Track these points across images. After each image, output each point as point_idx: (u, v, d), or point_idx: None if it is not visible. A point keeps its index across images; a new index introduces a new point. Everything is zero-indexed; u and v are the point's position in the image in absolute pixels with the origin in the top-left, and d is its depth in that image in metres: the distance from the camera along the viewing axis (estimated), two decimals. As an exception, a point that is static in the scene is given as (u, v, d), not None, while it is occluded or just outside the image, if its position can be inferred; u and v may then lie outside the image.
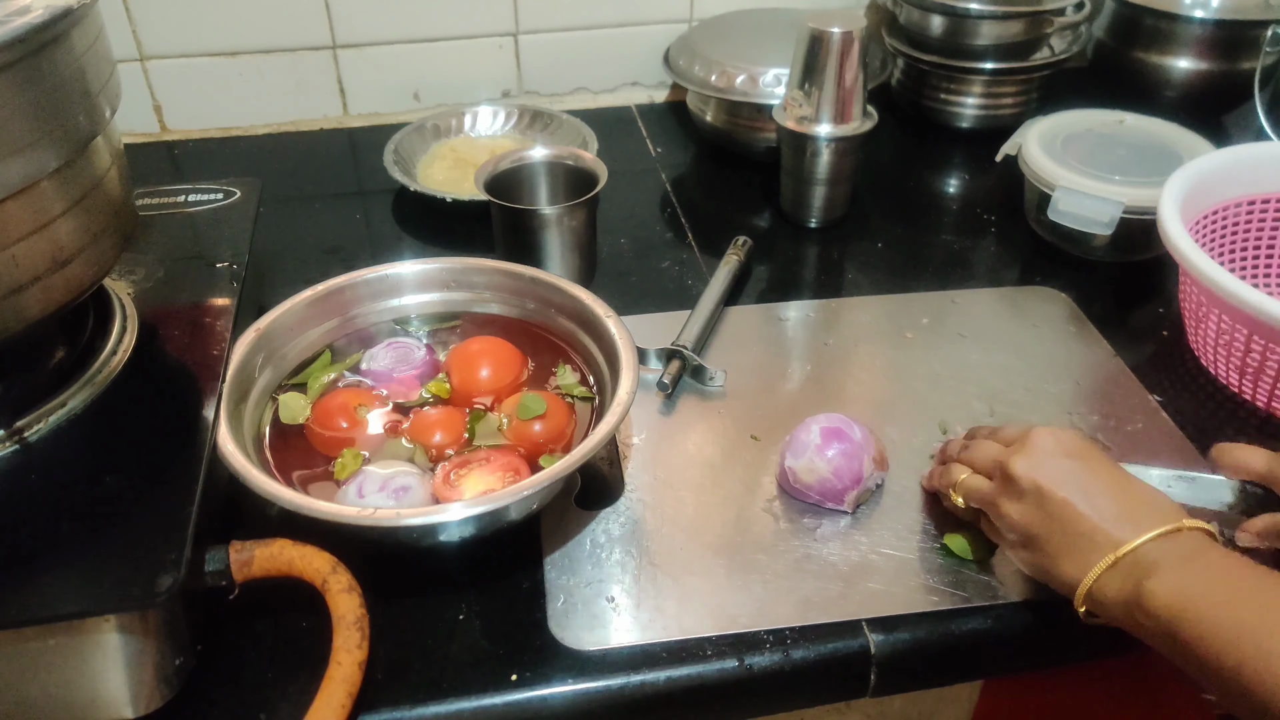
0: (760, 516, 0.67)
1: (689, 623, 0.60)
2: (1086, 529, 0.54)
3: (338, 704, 0.51)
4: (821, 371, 0.81)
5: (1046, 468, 0.57)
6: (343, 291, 0.75)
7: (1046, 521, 0.56)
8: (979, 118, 1.16)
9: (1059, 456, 0.57)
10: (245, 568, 0.56)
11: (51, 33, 0.52)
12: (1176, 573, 0.50)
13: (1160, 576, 0.50)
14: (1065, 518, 0.55)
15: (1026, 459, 0.57)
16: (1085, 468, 0.57)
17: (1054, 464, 0.57)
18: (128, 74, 1.08)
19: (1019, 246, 0.97)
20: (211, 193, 0.84)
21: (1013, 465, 0.58)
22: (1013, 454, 0.58)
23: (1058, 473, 0.56)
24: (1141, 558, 0.52)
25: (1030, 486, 0.57)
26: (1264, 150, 0.85)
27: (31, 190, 0.53)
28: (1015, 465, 0.57)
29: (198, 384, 0.63)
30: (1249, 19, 1.08)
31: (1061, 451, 0.57)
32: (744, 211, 1.04)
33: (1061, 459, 0.57)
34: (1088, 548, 0.54)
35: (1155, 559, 0.52)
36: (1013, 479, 0.57)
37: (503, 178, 0.88)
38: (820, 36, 0.90)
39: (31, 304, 0.56)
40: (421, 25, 1.15)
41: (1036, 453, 0.57)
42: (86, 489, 0.56)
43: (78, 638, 0.50)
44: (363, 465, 0.65)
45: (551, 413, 0.67)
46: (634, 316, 0.84)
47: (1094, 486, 0.55)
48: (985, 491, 0.60)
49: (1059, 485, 0.56)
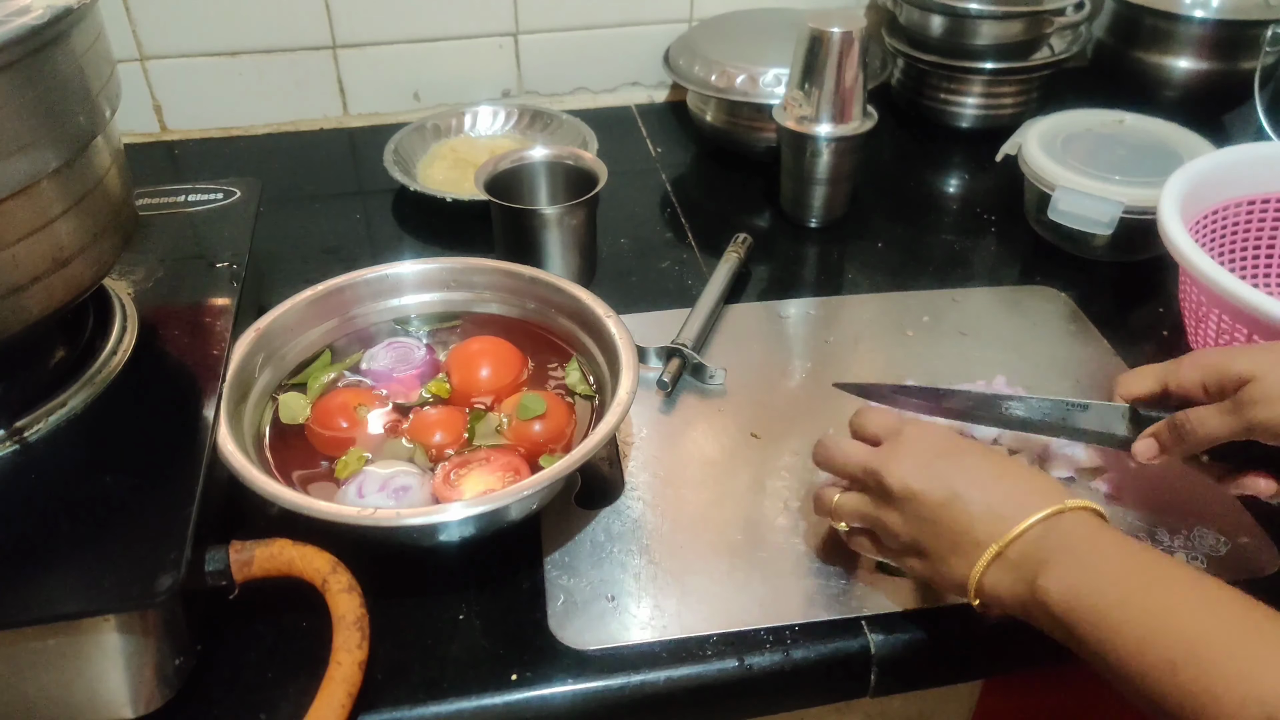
0: (761, 515, 0.67)
1: (689, 622, 0.60)
2: (966, 524, 0.53)
3: (338, 704, 0.51)
4: (822, 369, 0.81)
5: (920, 471, 0.55)
6: (343, 291, 0.75)
7: (928, 525, 0.54)
8: (979, 118, 1.16)
9: (931, 456, 0.55)
10: (245, 568, 0.56)
11: (51, 33, 0.52)
12: (1068, 568, 0.49)
13: (1051, 572, 0.49)
14: (945, 519, 0.54)
15: (899, 465, 0.55)
16: (959, 464, 0.55)
17: (927, 467, 0.55)
18: (128, 74, 1.08)
19: (1019, 246, 0.97)
20: (211, 193, 0.84)
21: (886, 476, 0.55)
22: (883, 461, 0.56)
23: (933, 474, 0.54)
24: (1029, 546, 0.51)
25: (906, 494, 0.55)
26: (1264, 150, 0.85)
27: (31, 190, 0.53)
28: (888, 475, 0.55)
29: (198, 384, 0.63)
30: (1249, 19, 1.08)
31: (933, 451, 0.56)
32: (744, 211, 1.04)
33: (934, 460, 0.55)
34: (970, 544, 0.53)
35: (1045, 552, 0.50)
36: (887, 489, 0.55)
37: (503, 178, 0.88)
38: (820, 36, 0.90)
39: (31, 304, 0.56)
40: (421, 25, 1.15)
41: (908, 456, 0.56)
42: (86, 489, 0.56)
43: (78, 638, 0.50)
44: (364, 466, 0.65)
45: (551, 413, 0.67)
46: (634, 316, 0.84)
47: (970, 481, 0.54)
48: (863, 509, 0.58)
49: (936, 487, 0.54)
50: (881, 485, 0.56)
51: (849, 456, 0.59)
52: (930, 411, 0.66)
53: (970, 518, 0.53)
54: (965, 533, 0.53)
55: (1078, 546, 0.50)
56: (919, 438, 0.57)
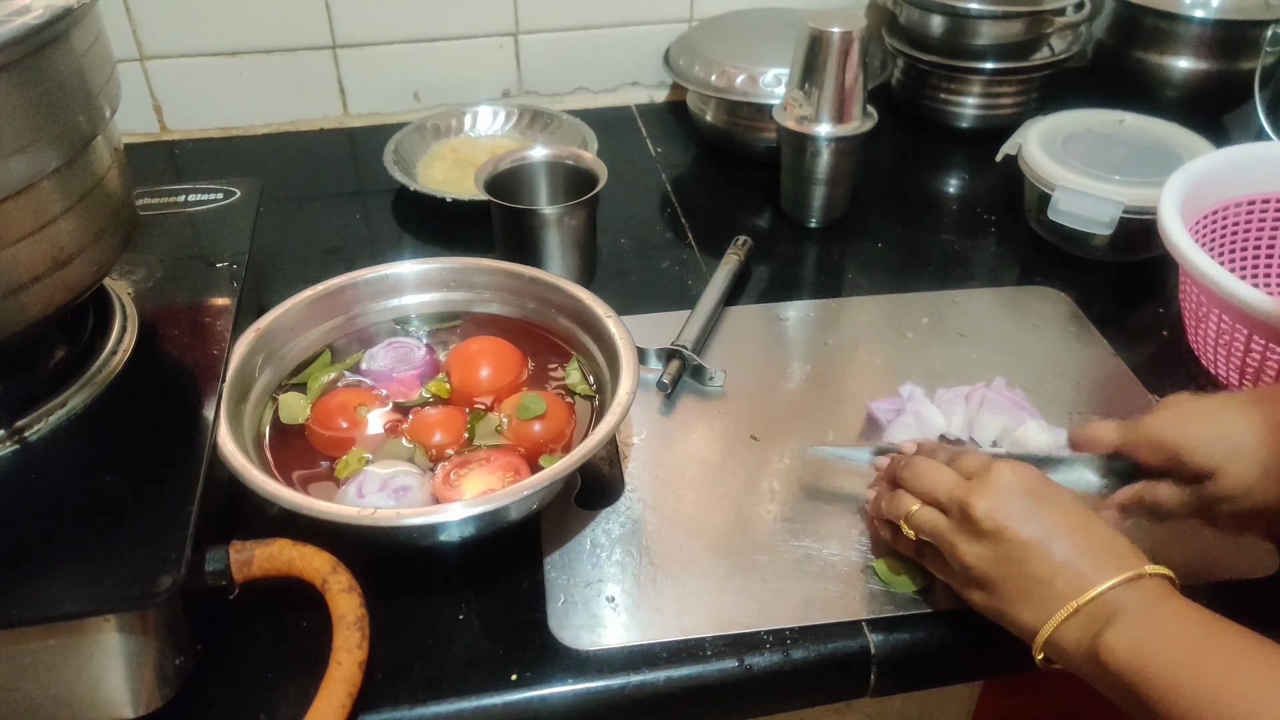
0: (760, 516, 0.67)
1: (689, 622, 0.60)
2: (1046, 574, 0.53)
3: (338, 704, 0.51)
4: (822, 371, 0.81)
5: (1009, 508, 0.54)
6: (343, 291, 0.75)
7: (1005, 565, 0.54)
8: (979, 118, 1.16)
9: (1020, 495, 0.55)
10: (245, 568, 0.56)
11: (51, 33, 0.52)
12: (1135, 626, 0.49)
13: (1118, 629, 0.49)
14: (1025, 560, 0.53)
15: (989, 498, 0.55)
16: (1047, 510, 0.54)
17: (1017, 504, 0.54)
18: (128, 74, 1.08)
19: (1019, 246, 0.97)
20: (211, 193, 0.84)
21: (974, 504, 0.55)
22: (973, 491, 0.56)
23: (1020, 514, 0.54)
24: (1101, 607, 0.51)
25: (992, 528, 0.54)
26: (1264, 150, 0.85)
27: (31, 190, 0.53)
28: (976, 505, 0.55)
29: (198, 384, 0.63)
30: (1249, 19, 1.08)
31: (1023, 489, 0.55)
32: (744, 211, 1.04)
33: (1023, 498, 0.55)
34: (1047, 595, 0.53)
35: (1114, 609, 0.50)
36: (972, 519, 0.55)
37: (503, 178, 0.88)
38: (820, 36, 0.90)
39: (31, 304, 0.56)
40: (421, 25, 1.15)
41: (998, 491, 0.55)
42: (86, 489, 0.56)
43: (78, 638, 0.50)
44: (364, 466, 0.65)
45: (551, 413, 0.67)
46: (634, 316, 0.84)
47: (1056, 529, 0.54)
48: (941, 528, 0.57)
49: (1021, 527, 0.54)
50: (967, 514, 0.55)
51: (939, 479, 0.58)
52: None
53: (1052, 569, 0.53)
54: (1045, 583, 0.53)
55: (1148, 608, 0.50)
56: (1011, 475, 0.56)
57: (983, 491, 0.55)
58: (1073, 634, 0.52)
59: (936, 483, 0.58)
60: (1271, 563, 0.64)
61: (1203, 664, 0.47)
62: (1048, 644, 0.53)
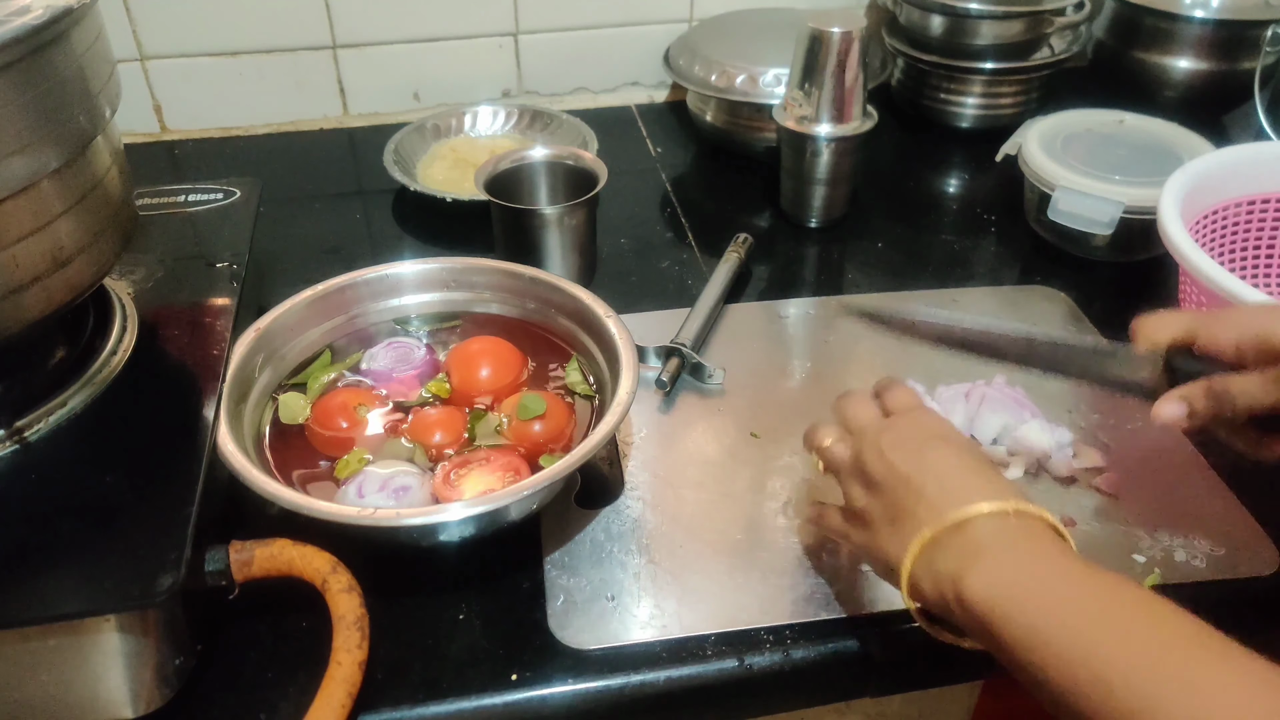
0: (760, 515, 0.67)
1: (689, 622, 0.60)
2: (912, 502, 0.50)
3: (338, 704, 0.51)
4: (821, 369, 0.81)
5: (901, 448, 0.53)
6: (343, 291, 0.75)
7: (879, 494, 0.52)
8: (979, 118, 1.16)
9: (920, 438, 0.53)
10: (245, 568, 0.56)
11: (51, 33, 0.52)
12: (997, 566, 0.46)
13: (979, 567, 0.46)
14: (897, 490, 0.51)
15: (889, 436, 0.53)
16: (937, 451, 0.52)
17: (910, 444, 0.53)
18: (128, 74, 1.08)
19: (1019, 246, 0.97)
20: (211, 193, 0.84)
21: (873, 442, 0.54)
22: (880, 429, 0.55)
23: (909, 452, 0.52)
24: (966, 543, 0.48)
25: (880, 462, 0.53)
26: (1264, 150, 0.85)
27: (31, 190, 0.53)
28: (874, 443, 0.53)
29: (198, 384, 0.63)
30: (1249, 19, 1.08)
31: (925, 434, 0.53)
32: (744, 211, 1.04)
33: (919, 440, 0.53)
34: (910, 522, 0.50)
35: (978, 546, 0.47)
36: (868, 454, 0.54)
37: (503, 178, 0.88)
38: (820, 36, 0.90)
39: (31, 304, 0.56)
40: (421, 25, 1.15)
41: (900, 431, 0.54)
42: (86, 489, 0.56)
43: (78, 638, 0.50)
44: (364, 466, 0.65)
45: (551, 413, 0.67)
46: (634, 316, 0.84)
47: (937, 465, 0.51)
48: (841, 460, 0.56)
49: (904, 461, 0.52)
50: (865, 448, 0.54)
51: (859, 412, 0.58)
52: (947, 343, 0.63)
53: (919, 497, 0.50)
54: (909, 510, 0.51)
55: (1012, 546, 0.47)
56: (919, 420, 0.55)
57: (889, 429, 0.54)
58: (933, 568, 0.49)
59: (858, 413, 0.58)
60: (1271, 563, 0.64)
61: (1076, 616, 0.43)
62: (913, 588, 0.50)
